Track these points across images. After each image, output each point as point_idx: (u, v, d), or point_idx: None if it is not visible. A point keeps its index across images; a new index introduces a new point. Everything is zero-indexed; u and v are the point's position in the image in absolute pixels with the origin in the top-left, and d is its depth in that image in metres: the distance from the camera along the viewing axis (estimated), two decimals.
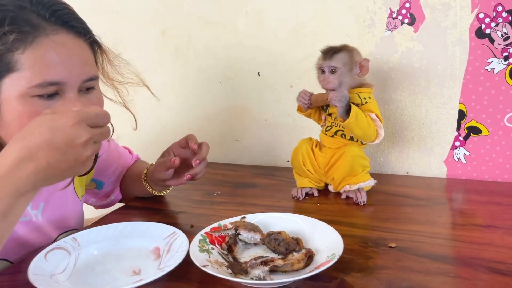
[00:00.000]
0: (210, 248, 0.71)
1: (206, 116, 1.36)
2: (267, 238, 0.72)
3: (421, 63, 1.07)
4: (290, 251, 0.69)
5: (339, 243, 0.67)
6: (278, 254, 0.70)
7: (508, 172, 1.05)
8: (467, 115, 1.06)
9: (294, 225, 0.77)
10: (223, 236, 0.75)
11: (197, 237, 0.72)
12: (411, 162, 1.14)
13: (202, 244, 0.70)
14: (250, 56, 1.25)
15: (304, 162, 1.00)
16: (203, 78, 1.33)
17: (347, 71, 0.93)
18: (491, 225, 0.81)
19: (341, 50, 0.93)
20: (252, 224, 0.75)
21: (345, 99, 0.89)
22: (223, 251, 0.71)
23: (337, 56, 0.93)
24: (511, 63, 0.99)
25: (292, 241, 0.71)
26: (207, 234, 0.74)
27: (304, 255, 0.66)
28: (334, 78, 0.93)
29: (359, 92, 0.95)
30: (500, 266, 0.66)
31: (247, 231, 0.73)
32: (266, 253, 0.71)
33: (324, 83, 0.94)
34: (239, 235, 0.73)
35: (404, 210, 0.90)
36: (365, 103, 0.94)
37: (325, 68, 0.94)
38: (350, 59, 0.93)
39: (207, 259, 0.66)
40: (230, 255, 0.70)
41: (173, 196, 1.06)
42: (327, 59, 0.93)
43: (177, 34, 1.32)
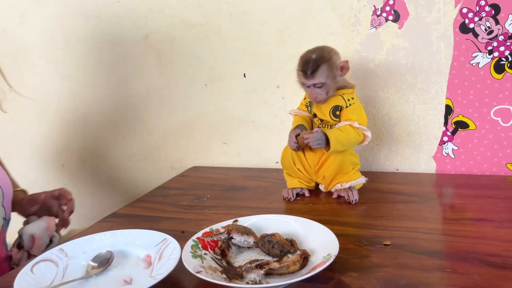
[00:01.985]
0: (203, 253, 0.69)
1: (192, 120, 1.34)
2: (261, 241, 0.71)
3: (407, 59, 1.07)
4: (285, 253, 0.67)
5: (334, 243, 0.66)
6: (273, 256, 0.69)
7: (496, 165, 1.05)
8: (454, 110, 1.06)
9: (288, 227, 0.76)
10: (216, 240, 0.73)
11: (189, 243, 0.70)
12: (400, 159, 1.14)
13: (194, 250, 0.69)
14: (235, 58, 1.24)
15: (294, 162, 0.99)
16: (187, 82, 1.31)
17: (331, 81, 0.92)
18: (484, 219, 0.81)
19: (320, 64, 0.90)
20: (245, 227, 0.73)
21: (322, 140, 0.89)
22: (216, 256, 0.70)
23: (318, 73, 0.90)
24: (495, 57, 1.00)
25: (287, 242, 0.69)
26: (199, 239, 0.72)
27: (299, 257, 0.65)
28: (321, 91, 0.92)
29: (343, 94, 0.94)
30: (495, 259, 0.66)
31: (240, 234, 0.71)
32: (261, 256, 0.70)
33: (313, 97, 0.94)
34: (232, 239, 0.72)
35: (396, 207, 0.90)
36: (349, 105, 0.94)
37: (309, 86, 0.93)
38: (331, 69, 0.91)
39: (201, 265, 0.65)
40: (224, 260, 0.69)
41: (161, 202, 1.04)
42: (309, 78, 0.91)
43: (160, 38, 1.30)
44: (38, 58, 1.45)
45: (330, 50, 0.93)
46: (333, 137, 0.90)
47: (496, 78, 1.01)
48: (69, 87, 1.45)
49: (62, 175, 1.54)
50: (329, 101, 0.95)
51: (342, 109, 0.94)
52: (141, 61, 1.34)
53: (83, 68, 1.41)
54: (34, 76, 1.47)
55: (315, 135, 0.90)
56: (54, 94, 1.47)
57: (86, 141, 1.49)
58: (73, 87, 1.44)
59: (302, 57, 0.94)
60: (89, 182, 1.53)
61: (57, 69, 1.44)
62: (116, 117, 1.42)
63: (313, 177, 1.00)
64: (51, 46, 1.42)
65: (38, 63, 1.46)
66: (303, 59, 0.93)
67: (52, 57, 1.43)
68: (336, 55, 0.94)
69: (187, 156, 1.38)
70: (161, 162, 1.41)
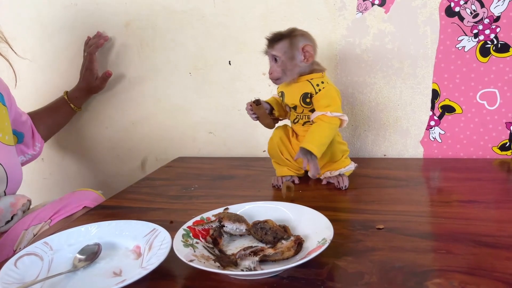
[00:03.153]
0: (195, 242, 0.67)
1: (176, 110, 1.31)
2: (253, 228, 0.69)
3: (394, 44, 1.06)
4: (279, 239, 0.66)
5: (328, 227, 0.65)
6: (266, 243, 0.68)
7: (482, 149, 1.06)
8: (441, 94, 1.06)
9: (280, 214, 0.74)
10: (207, 229, 0.71)
11: (180, 232, 0.68)
12: (387, 144, 1.14)
13: (185, 239, 0.67)
14: (220, 45, 1.21)
15: (282, 152, 0.98)
16: (171, 70, 1.28)
17: (287, 59, 0.89)
18: (473, 201, 0.81)
19: (282, 38, 0.89)
20: (237, 215, 0.72)
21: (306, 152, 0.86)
22: (208, 244, 0.68)
23: (277, 45, 0.89)
24: (481, 40, 1.00)
25: (280, 229, 0.68)
26: (190, 228, 0.70)
27: (293, 243, 0.63)
28: (277, 67, 0.90)
29: (311, 79, 0.91)
30: (488, 239, 0.66)
31: (232, 222, 0.70)
32: (254, 244, 0.68)
33: (269, 72, 0.92)
34: (224, 227, 0.70)
35: (386, 191, 0.90)
36: (318, 91, 0.90)
37: (269, 56, 0.91)
38: (291, 47, 0.89)
39: (193, 254, 0.63)
40: (216, 248, 0.67)
41: (147, 193, 1.02)
42: (269, 47, 0.90)
43: (141, 26, 1.27)
44: (14, 47, 1.40)
45: (302, 33, 0.91)
46: (313, 147, 0.86)
47: (482, 61, 1.01)
48: (47, 77, 1.40)
49: (43, 169, 1.50)
50: (297, 88, 0.92)
51: (312, 96, 0.91)
52: (122, 49, 1.30)
53: (62, 58, 1.36)
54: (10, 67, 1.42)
55: (312, 168, 0.87)
56: (31, 85, 1.42)
57: (67, 133, 1.44)
58: (52, 77, 1.39)
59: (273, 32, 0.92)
60: (71, 175, 1.48)
61: (34, 59, 1.39)
62: (98, 108, 1.38)
63: (301, 164, 0.99)
64: (27, 35, 1.37)
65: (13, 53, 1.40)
66: (272, 33, 0.92)
67: (29, 46, 1.38)
68: (304, 38, 0.90)
69: (172, 147, 1.35)
70: (145, 153, 1.38)
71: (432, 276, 0.57)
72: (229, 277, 0.60)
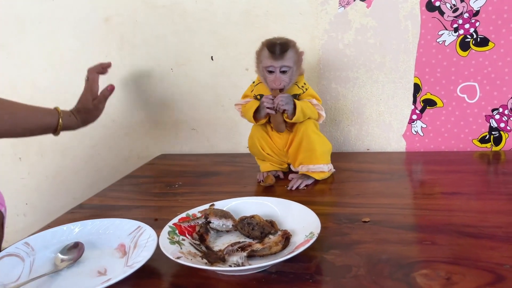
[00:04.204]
0: (181, 239, 0.66)
1: (158, 106, 1.29)
2: (240, 224, 0.69)
3: (376, 38, 1.07)
4: (266, 234, 0.66)
5: (315, 221, 0.65)
6: (253, 239, 0.67)
7: (463, 142, 1.08)
8: (422, 88, 1.07)
9: (266, 209, 0.74)
10: (193, 226, 0.70)
11: (166, 229, 0.67)
12: (370, 138, 1.15)
13: (172, 236, 0.66)
14: (202, 40, 1.20)
15: (263, 148, 0.98)
16: (152, 66, 1.26)
17: (296, 67, 0.89)
18: (455, 192, 0.82)
19: (289, 47, 0.87)
20: (223, 211, 0.72)
21: (291, 100, 0.88)
22: (195, 241, 0.67)
23: (287, 55, 0.86)
24: (461, 35, 1.02)
25: (267, 224, 0.68)
26: (175, 225, 0.69)
27: (281, 237, 0.63)
28: (286, 77, 0.88)
29: (296, 82, 0.92)
30: (471, 229, 0.67)
31: (218, 218, 0.70)
32: (241, 239, 0.68)
33: (277, 83, 0.88)
34: (210, 223, 0.70)
35: (371, 185, 0.90)
36: (305, 90, 0.93)
37: (276, 68, 0.88)
38: (297, 55, 0.89)
39: (180, 251, 0.62)
40: (203, 245, 0.67)
41: (131, 191, 1.00)
42: (278, 59, 0.86)
43: (121, 21, 1.24)
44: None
45: (291, 39, 0.90)
46: (299, 107, 0.88)
47: (462, 55, 1.03)
48: (24, 74, 1.36)
49: (20, 169, 1.46)
50: (287, 91, 0.92)
51: (299, 96, 0.92)
52: (102, 45, 1.27)
53: (39, 54, 1.33)
54: None
55: (284, 95, 0.87)
56: (7, 83, 1.38)
57: None
58: (28, 74, 1.36)
59: (268, 41, 0.89)
60: (50, 175, 1.45)
61: (10, 55, 1.35)
62: None
63: (284, 159, 0.99)
64: (3, 31, 1.33)
65: None
66: (269, 42, 0.88)
67: (5, 43, 1.34)
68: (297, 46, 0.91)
69: (154, 144, 1.34)
70: (127, 151, 1.36)
71: (418, 267, 0.57)
72: (217, 273, 0.60)
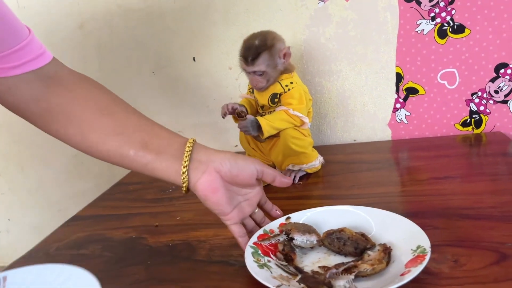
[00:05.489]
0: (266, 261, 0.59)
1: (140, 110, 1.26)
2: (328, 239, 0.62)
3: (356, 31, 1.09)
4: (361, 250, 0.59)
5: (415, 231, 0.59)
6: (345, 255, 0.61)
7: (446, 127, 1.11)
8: (404, 77, 1.10)
9: (346, 219, 0.67)
10: (274, 244, 0.63)
11: (249, 251, 0.59)
12: (357, 129, 1.16)
13: (257, 258, 0.58)
14: (182, 41, 1.19)
15: (249, 142, 0.98)
16: (133, 70, 1.24)
17: (271, 69, 0.89)
18: (447, 176, 0.85)
19: (261, 51, 0.86)
20: (305, 225, 0.65)
21: (248, 127, 0.88)
22: (281, 262, 0.60)
23: (258, 61, 0.86)
24: (438, 23, 1.04)
25: (360, 237, 0.61)
26: (256, 245, 0.62)
27: (382, 253, 0.56)
28: (262, 79, 0.89)
29: (280, 80, 0.92)
30: (468, 211, 0.70)
31: (301, 234, 0.62)
32: (329, 256, 0.62)
33: (253, 84, 0.90)
34: (293, 240, 0.63)
35: (364, 175, 0.92)
36: (287, 91, 0.91)
37: (250, 72, 0.89)
38: (272, 57, 0.88)
39: (272, 276, 0.54)
40: (291, 266, 0.60)
41: (124, 199, 0.99)
42: (249, 65, 0.87)
43: (97, 26, 1.22)
44: None
45: (274, 36, 0.90)
46: (265, 123, 0.87)
47: (440, 43, 1.06)
48: None
49: (0, 184, 1.41)
50: (267, 88, 0.92)
51: (280, 95, 0.92)
52: (78, 52, 1.24)
53: None
54: None
55: (242, 123, 0.89)
56: None
57: (24, 145, 1.37)
58: None
59: (245, 42, 0.90)
60: (32, 188, 1.41)
61: None
62: None
63: (268, 158, 0.99)
64: None
65: None
66: (245, 45, 0.89)
67: None
68: (280, 42, 0.90)
69: None
70: None
71: None
72: None
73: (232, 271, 0.62)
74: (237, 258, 0.65)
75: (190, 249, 0.70)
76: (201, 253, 0.69)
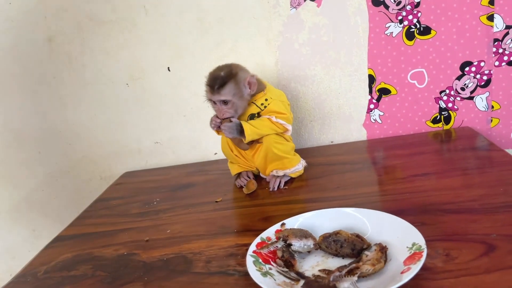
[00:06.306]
0: (268, 268, 0.60)
1: (116, 123, 1.25)
2: (325, 242, 0.64)
3: (329, 36, 1.11)
4: (358, 251, 0.61)
5: (407, 229, 0.61)
6: (343, 257, 0.63)
7: (418, 124, 1.16)
8: (376, 78, 1.14)
9: (340, 222, 0.69)
10: (273, 251, 0.64)
11: (250, 260, 0.60)
12: (333, 131, 1.19)
13: (259, 267, 0.59)
14: (156, 52, 1.18)
15: (232, 149, 1.00)
16: (105, 83, 1.22)
17: (238, 99, 0.90)
18: (425, 173, 0.88)
19: (227, 80, 0.89)
20: (301, 230, 0.66)
21: (233, 129, 0.90)
22: (282, 268, 0.61)
23: (224, 90, 0.88)
24: (405, 26, 1.09)
25: (356, 239, 0.62)
26: (255, 253, 0.63)
27: (380, 252, 0.58)
28: (229, 108, 0.90)
29: (254, 101, 0.94)
30: (450, 206, 0.73)
31: (299, 239, 0.64)
32: (327, 259, 0.64)
33: (221, 114, 0.91)
34: (291, 246, 0.64)
35: (346, 176, 0.94)
36: (264, 108, 0.93)
37: (216, 101, 0.90)
38: (238, 86, 0.90)
39: (277, 284, 0.55)
40: (292, 271, 0.60)
41: (107, 215, 0.97)
42: (215, 93, 0.89)
43: (67, 40, 1.19)
44: None
45: (237, 66, 0.93)
46: (248, 127, 0.90)
47: (408, 44, 1.10)
48: None
49: None
50: (244, 111, 0.94)
51: (259, 114, 0.94)
52: (48, 67, 1.21)
53: None
54: None
55: (228, 125, 0.90)
56: None
57: None
58: None
59: (210, 73, 0.92)
60: (3, 210, 1.36)
61: None
62: (27, 132, 1.27)
63: (251, 164, 1.01)
64: None
65: None
66: (210, 75, 0.91)
67: None
68: (243, 71, 0.92)
69: (116, 163, 1.29)
70: (87, 173, 1.31)
71: None
72: None
73: (232, 282, 0.62)
74: (235, 268, 0.66)
75: (186, 262, 0.70)
76: (198, 265, 0.69)
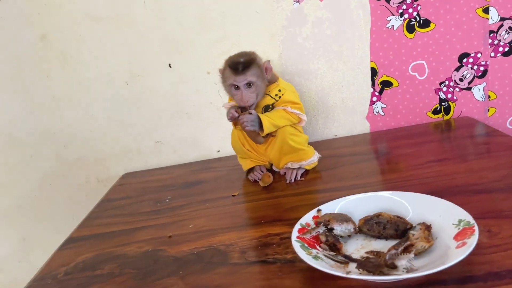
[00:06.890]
0: (315, 253, 0.59)
1: (115, 123, 1.21)
2: (366, 225, 0.64)
3: (332, 29, 1.12)
4: (402, 231, 0.62)
5: (447, 208, 0.62)
6: (386, 238, 0.63)
7: (419, 115, 1.18)
8: (379, 71, 1.15)
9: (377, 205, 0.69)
10: (315, 236, 0.64)
11: (296, 245, 0.59)
12: (337, 125, 1.20)
13: (308, 251, 0.58)
14: (156, 48, 1.15)
15: (243, 143, 0.98)
16: (104, 82, 1.17)
17: (261, 81, 0.90)
18: (442, 159, 0.90)
19: (251, 62, 0.88)
20: (342, 215, 0.66)
21: (255, 122, 0.89)
22: (328, 252, 0.61)
23: (249, 71, 0.88)
24: (406, 19, 1.11)
25: (399, 219, 0.63)
26: (300, 238, 0.62)
27: (426, 231, 0.59)
28: (252, 92, 0.89)
29: (268, 92, 0.94)
30: (477, 187, 0.74)
31: (340, 223, 0.63)
32: (370, 241, 0.64)
33: (245, 100, 0.89)
34: (333, 230, 0.64)
35: (362, 165, 0.94)
36: (278, 99, 0.93)
37: (240, 84, 0.89)
38: (260, 69, 0.90)
39: (331, 266, 0.56)
40: (339, 255, 0.60)
41: (117, 215, 0.93)
42: (241, 74, 0.87)
43: (61, 37, 1.14)
44: None
45: (254, 52, 0.92)
46: (266, 123, 0.89)
47: (409, 37, 1.12)
48: None
49: None
50: (258, 103, 0.93)
51: (273, 105, 0.94)
52: (41, 65, 1.16)
53: None
54: None
55: (250, 117, 0.89)
56: None
57: None
58: None
59: (230, 59, 0.90)
60: None
61: None
62: (18, 134, 1.21)
63: (264, 158, 1.00)
64: None
65: None
66: (231, 60, 0.90)
67: None
68: (259, 57, 0.92)
69: (113, 164, 1.25)
70: (83, 176, 1.25)
71: None
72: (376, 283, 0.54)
73: (276, 269, 0.61)
74: (274, 256, 0.64)
75: (220, 254, 0.68)
76: (233, 256, 0.67)
